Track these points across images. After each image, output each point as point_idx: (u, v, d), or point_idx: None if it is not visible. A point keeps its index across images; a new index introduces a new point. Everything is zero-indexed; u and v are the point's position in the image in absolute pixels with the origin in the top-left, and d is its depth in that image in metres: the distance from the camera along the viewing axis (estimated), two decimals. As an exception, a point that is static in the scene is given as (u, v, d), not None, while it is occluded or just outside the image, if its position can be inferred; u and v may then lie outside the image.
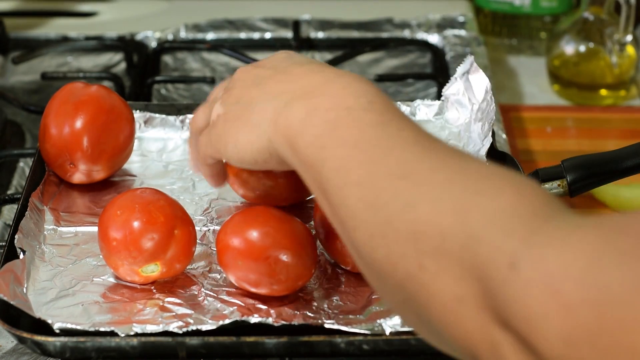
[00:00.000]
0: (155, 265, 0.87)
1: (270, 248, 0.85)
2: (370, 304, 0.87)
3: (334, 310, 0.86)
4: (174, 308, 0.86)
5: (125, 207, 0.87)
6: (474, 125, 1.01)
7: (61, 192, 0.99)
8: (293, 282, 0.86)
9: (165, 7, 1.44)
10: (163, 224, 0.87)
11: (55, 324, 0.82)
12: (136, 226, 0.86)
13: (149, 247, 0.86)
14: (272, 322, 0.82)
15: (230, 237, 0.86)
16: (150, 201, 0.88)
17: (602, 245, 0.53)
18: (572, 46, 1.29)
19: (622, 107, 1.29)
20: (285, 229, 0.86)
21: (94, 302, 0.87)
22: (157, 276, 0.88)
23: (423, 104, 1.07)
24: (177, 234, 0.87)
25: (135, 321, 0.84)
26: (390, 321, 0.83)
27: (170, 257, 0.87)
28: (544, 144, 1.23)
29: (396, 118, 0.70)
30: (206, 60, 1.34)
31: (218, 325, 0.82)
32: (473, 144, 1.00)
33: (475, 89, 1.03)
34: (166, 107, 1.09)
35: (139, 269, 0.87)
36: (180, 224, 0.88)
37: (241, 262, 0.85)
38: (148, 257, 0.86)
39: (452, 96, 1.06)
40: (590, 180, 0.96)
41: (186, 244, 0.88)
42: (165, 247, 0.87)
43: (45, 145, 0.98)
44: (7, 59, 1.33)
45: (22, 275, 0.87)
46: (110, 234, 0.87)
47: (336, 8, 1.42)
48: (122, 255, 0.86)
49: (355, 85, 0.74)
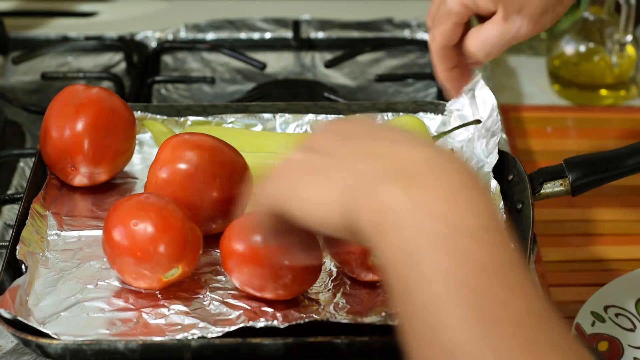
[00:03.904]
0: (177, 268, 0.87)
1: (275, 253, 0.85)
2: (375, 306, 0.87)
3: (340, 312, 0.87)
4: (180, 318, 0.86)
5: (140, 217, 0.86)
6: (478, 142, 1.02)
7: (63, 195, 0.99)
8: (299, 286, 0.86)
9: (165, 7, 1.44)
10: (180, 227, 0.87)
11: (61, 337, 0.82)
12: (158, 234, 0.86)
13: (173, 252, 0.86)
14: (278, 324, 0.82)
15: (234, 242, 0.86)
16: (161, 206, 0.87)
17: None
18: (572, 46, 1.29)
19: (622, 107, 1.29)
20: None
21: (98, 310, 0.87)
22: (176, 278, 0.88)
23: (426, 117, 1.07)
24: (191, 234, 0.87)
25: (141, 333, 0.84)
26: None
27: (189, 257, 0.87)
28: (544, 144, 1.23)
29: (506, 265, 0.62)
30: (206, 60, 1.34)
31: (224, 333, 0.82)
32: (476, 160, 1.01)
33: (481, 106, 1.03)
34: (166, 107, 1.08)
35: (162, 275, 0.87)
36: (191, 223, 0.88)
37: (246, 268, 0.85)
38: (172, 261, 0.86)
39: (456, 111, 1.06)
40: (593, 179, 0.96)
41: (198, 242, 0.88)
42: (185, 249, 0.87)
43: (46, 147, 0.98)
44: (7, 59, 1.33)
45: (28, 287, 0.87)
46: (129, 246, 0.86)
47: (336, 8, 1.42)
48: (146, 266, 0.86)
49: (467, 190, 0.65)
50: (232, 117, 1.07)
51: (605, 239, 1.09)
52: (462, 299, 0.60)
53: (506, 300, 0.60)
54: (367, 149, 0.68)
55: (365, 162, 0.67)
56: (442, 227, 0.62)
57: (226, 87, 1.29)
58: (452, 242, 0.62)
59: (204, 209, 0.91)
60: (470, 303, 0.60)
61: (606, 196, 1.14)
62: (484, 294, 0.60)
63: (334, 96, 1.22)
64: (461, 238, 0.62)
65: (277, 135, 1.05)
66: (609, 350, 0.93)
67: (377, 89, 1.29)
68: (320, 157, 0.69)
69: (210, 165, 0.91)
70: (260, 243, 0.85)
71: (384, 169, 0.66)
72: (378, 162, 0.66)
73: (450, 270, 0.61)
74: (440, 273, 0.61)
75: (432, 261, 0.61)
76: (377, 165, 0.66)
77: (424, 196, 0.64)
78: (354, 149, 0.68)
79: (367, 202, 0.65)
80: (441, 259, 0.61)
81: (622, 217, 1.12)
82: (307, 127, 1.07)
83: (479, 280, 0.61)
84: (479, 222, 0.63)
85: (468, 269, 0.61)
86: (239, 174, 0.92)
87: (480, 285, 0.60)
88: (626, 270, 1.01)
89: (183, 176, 0.91)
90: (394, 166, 0.66)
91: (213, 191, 0.91)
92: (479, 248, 0.62)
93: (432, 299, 0.60)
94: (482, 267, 0.61)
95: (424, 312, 0.61)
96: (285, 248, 0.81)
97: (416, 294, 0.61)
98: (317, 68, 1.32)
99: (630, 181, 1.04)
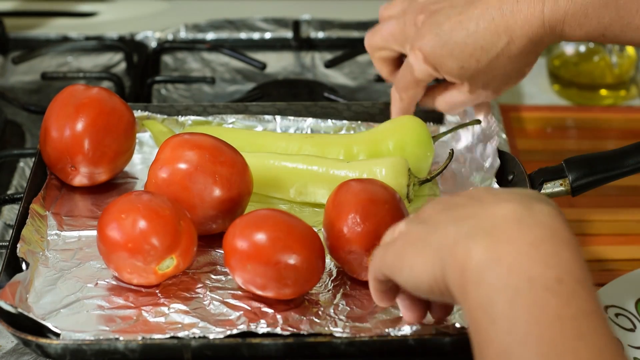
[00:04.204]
0: (171, 259, 0.87)
1: (279, 252, 0.85)
2: (376, 311, 0.87)
3: (340, 315, 0.86)
4: (180, 317, 0.86)
5: (128, 210, 0.87)
6: (477, 147, 1.02)
7: (63, 195, 0.99)
8: (301, 286, 0.86)
9: (165, 7, 1.44)
10: (170, 217, 0.87)
11: (62, 334, 0.82)
12: (148, 224, 0.86)
13: (164, 241, 0.86)
14: (279, 331, 0.82)
15: (238, 239, 0.86)
16: (150, 199, 0.88)
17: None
18: (572, 46, 1.29)
19: (622, 107, 1.29)
20: (294, 232, 0.86)
21: (98, 308, 0.87)
22: (171, 271, 0.88)
23: None
24: (183, 225, 0.87)
25: (140, 331, 0.84)
26: (399, 332, 0.84)
27: (182, 248, 0.87)
28: (544, 144, 1.23)
29: (579, 314, 0.64)
30: (206, 60, 1.34)
31: (226, 335, 0.82)
32: (476, 164, 1.01)
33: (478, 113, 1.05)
34: (166, 107, 1.09)
35: (156, 266, 0.87)
36: (182, 216, 0.88)
37: (249, 265, 0.85)
38: (164, 251, 0.86)
39: (454, 120, 1.07)
40: (593, 179, 0.96)
41: (192, 233, 0.88)
42: (177, 239, 0.87)
43: (46, 148, 0.98)
44: (7, 59, 1.33)
45: (28, 285, 0.88)
46: (121, 239, 0.86)
47: (336, 8, 1.42)
48: (139, 257, 0.86)
49: (547, 243, 0.67)
50: (232, 118, 1.07)
51: (605, 239, 1.09)
52: (533, 349, 0.63)
53: (577, 348, 0.63)
54: (462, 213, 0.71)
55: (456, 225, 0.70)
56: (518, 281, 0.65)
57: (226, 87, 1.29)
58: (527, 296, 0.64)
59: (204, 209, 0.91)
60: (540, 352, 0.63)
61: (606, 196, 1.14)
62: (554, 344, 0.63)
63: (334, 96, 1.22)
64: (537, 291, 0.64)
65: (278, 135, 1.05)
66: (609, 350, 0.93)
67: (377, 89, 1.29)
68: (422, 226, 0.73)
69: (210, 165, 0.91)
70: (265, 241, 0.85)
71: (470, 228, 0.69)
72: (467, 222, 0.69)
73: (523, 323, 0.63)
74: (515, 325, 0.64)
75: (506, 315, 0.64)
76: (466, 225, 0.69)
77: (503, 251, 0.66)
78: (452, 215, 0.71)
79: (453, 262, 0.68)
80: (516, 313, 0.64)
81: (622, 217, 1.12)
82: (307, 129, 1.08)
83: (551, 332, 0.63)
84: (556, 274, 0.65)
85: (541, 321, 0.63)
86: (239, 174, 0.92)
87: (552, 336, 0.63)
88: (626, 270, 1.01)
89: (183, 176, 0.91)
90: (479, 225, 0.68)
91: (213, 191, 0.91)
92: (554, 300, 0.64)
93: (506, 350, 0.63)
94: (556, 318, 0.63)
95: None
96: None
97: (491, 346, 0.64)
98: (317, 68, 1.32)
99: (630, 181, 1.04)
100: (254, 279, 0.86)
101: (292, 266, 0.85)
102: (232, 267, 0.87)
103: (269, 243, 0.85)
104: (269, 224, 0.86)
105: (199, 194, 0.91)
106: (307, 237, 0.86)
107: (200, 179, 0.91)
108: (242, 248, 0.86)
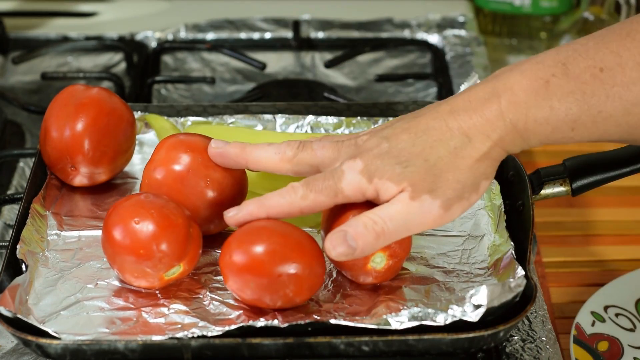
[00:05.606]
0: (178, 266, 0.87)
1: (278, 264, 0.84)
2: (375, 306, 0.87)
3: (340, 312, 0.86)
4: (180, 317, 0.86)
5: (141, 215, 0.86)
6: None
7: (63, 195, 0.99)
8: (301, 299, 0.86)
9: (165, 7, 1.44)
10: (182, 225, 0.87)
11: (61, 336, 0.82)
12: (161, 232, 0.86)
13: (175, 250, 0.86)
14: (278, 324, 0.82)
15: (236, 257, 0.85)
16: (162, 205, 0.87)
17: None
18: (572, 46, 1.29)
19: (622, 107, 1.29)
20: (291, 243, 0.85)
21: (98, 309, 0.87)
22: (176, 277, 0.88)
23: None
24: (192, 232, 0.87)
25: (140, 332, 0.84)
26: (397, 318, 0.83)
27: (190, 255, 0.87)
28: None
29: None
30: (206, 60, 1.34)
31: (224, 331, 0.82)
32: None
33: None
34: (166, 107, 1.09)
35: (164, 273, 0.87)
36: (192, 222, 0.88)
37: (253, 283, 0.84)
38: (174, 259, 0.86)
39: None
40: (593, 179, 0.96)
41: (199, 240, 0.88)
42: (186, 246, 0.87)
43: (46, 147, 0.98)
44: (7, 59, 1.33)
45: (28, 286, 0.88)
46: (132, 245, 0.86)
47: (336, 8, 1.42)
48: (148, 263, 0.86)
49: None
50: (232, 118, 1.07)
51: (605, 239, 1.10)
52: None
53: None
54: None
55: (460, 131, 0.84)
56: None
57: (226, 87, 1.29)
58: None
59: (198, 211, 0.91)
60: None
61: (606, 196, 1.14)
62: None
63: (334, 96, 1.22)
64: None
65: (278, 135, 1.05)
66: (609, 350, 0.93)
67: (377, 89, 1.29)
68: (414, 167, 0.83)
69: (203, 168, 0.91)
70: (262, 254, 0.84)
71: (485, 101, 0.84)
72: None
73: None
74: None
75: None
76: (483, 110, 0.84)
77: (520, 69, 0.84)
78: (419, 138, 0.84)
79: (506, 116, 0.83)
80: None
81: (622, 217, 1.12)
82: (307, 127, 1.08)
83: None
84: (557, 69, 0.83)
85: None
86: (233, 177, 0.92)
87: None
88: (626, 270, 1.02)
89: (175, 178, 0.91)
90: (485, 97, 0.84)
91: (205, 193, 0.91)
92: None
93: None
94: None
95: None
96: None
97: None
98: (317, 68, 1.32)
99: (630, 181, 1.04)
100: (261, 300, 0.85)
101: (293, 276, 0.84)
102: (231, 286, 0.86)
103: (267, 257, 0.84)
104: (264, 238, 0.85)
105: (190, 197, 0.91)
106: (305, 246, 0.85)
107: (192, 182, 0.91)
108: (240, 264, 0.84)
